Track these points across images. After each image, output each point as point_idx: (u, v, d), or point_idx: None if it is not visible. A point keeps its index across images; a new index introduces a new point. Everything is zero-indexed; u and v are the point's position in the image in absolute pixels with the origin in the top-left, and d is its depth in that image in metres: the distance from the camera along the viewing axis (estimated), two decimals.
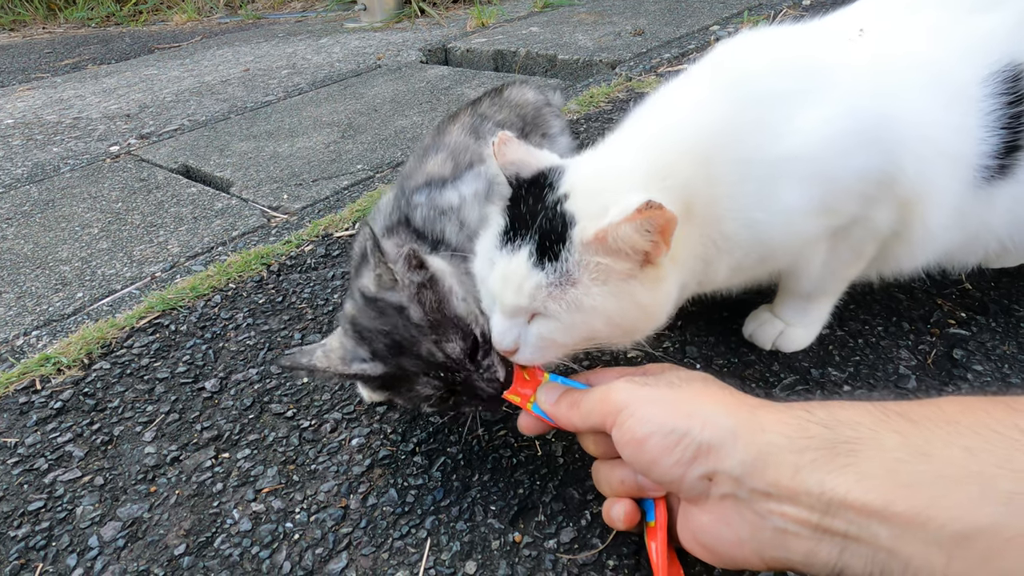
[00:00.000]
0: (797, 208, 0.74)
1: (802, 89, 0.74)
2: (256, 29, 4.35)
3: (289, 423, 0.96)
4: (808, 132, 0.72)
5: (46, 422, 1.03)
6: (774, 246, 0.77)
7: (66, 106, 2.94)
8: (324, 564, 0.75)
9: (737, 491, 0.53)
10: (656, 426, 0.57)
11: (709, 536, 0.57)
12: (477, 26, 3.35)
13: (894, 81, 0.75)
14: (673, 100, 0.81)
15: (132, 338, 1.20)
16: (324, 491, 0.85)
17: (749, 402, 0.59)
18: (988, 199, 0.78)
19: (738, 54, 0.82)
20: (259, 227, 1.63)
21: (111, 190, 1.95)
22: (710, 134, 0.73)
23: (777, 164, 0.72)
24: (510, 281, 0.68)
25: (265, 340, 1.15)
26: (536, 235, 0.67)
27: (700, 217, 0.72)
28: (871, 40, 0.79)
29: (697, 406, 0.58)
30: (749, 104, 0.75)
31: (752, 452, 0.52)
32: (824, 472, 0.48)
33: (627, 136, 0.78)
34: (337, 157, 1.99)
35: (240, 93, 2.81)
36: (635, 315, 0.69)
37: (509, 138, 0.73)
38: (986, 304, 1.00)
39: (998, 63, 0.75)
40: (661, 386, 0.63)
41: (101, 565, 0.79)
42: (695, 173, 0.71)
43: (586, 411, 0.65)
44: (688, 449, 0.55)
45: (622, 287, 0.66)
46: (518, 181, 0.72)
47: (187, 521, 0.83)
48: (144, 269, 1.49)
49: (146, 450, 0.95)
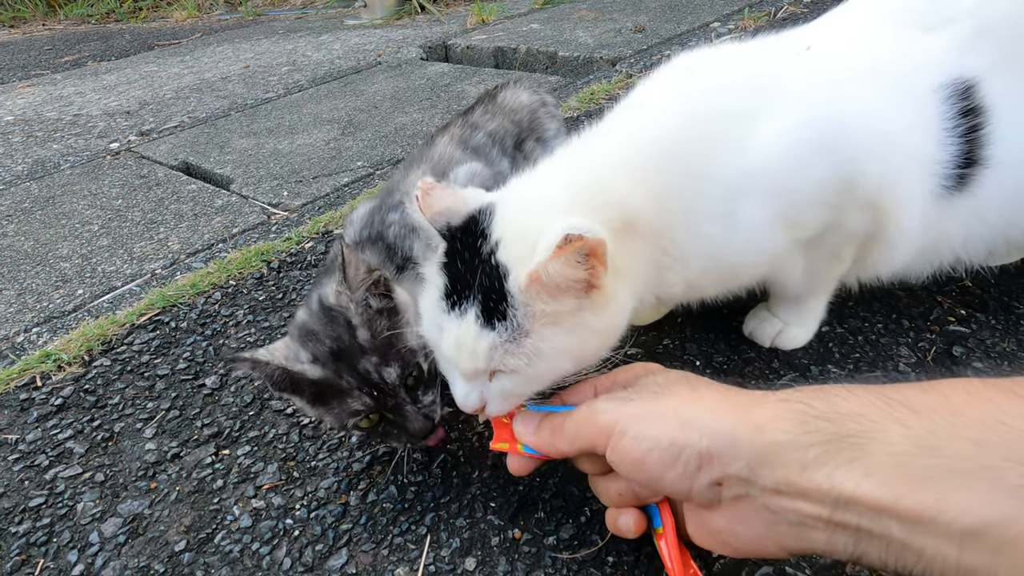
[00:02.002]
0: (759, 224, 0.73)
1: (756, 105, 0.73)
2: (256, 26, 4.34)
3: (289, 420, 0.97)
4: (765, 147, 0.71)
5: (47, 419, 1.03)
6: (735, 263, 0.77)
7: (66, 103, 2.94)
8: (324, 560, 0.76)
9: (749, 491, 0.53)
10: (652, 442, 0.56)
11: (728, 535, 0.56)
12: (477, 23, 3.34)
13: (851, 88, 0.74)
14: (618, 118, 0.79)
15: (132, 335, 1.20)
16: (324, 488, 0.85)
17: (740, 400, 0.58)
18: (947, 209, 0.78)
19: (691, 70, 0.80)
20: (259, 224, 1.63)
21: (111, 187, 1.95)
22: (658, 151, 0.72)
23: (734, 181, 0.71)
24: (463, 347, 0.66)
25: (265, 337, 1.15)
26: (479, 295, 0.65)
27: (649, 231, 0.71)
28: (827, 54, 0.78)
29: (690, 414, 0.57)
30: (702, 120, 0.73)
31: (756, 452, 0.52)
32: (832, 467, 0.48)
33: (558, 159, 0.77)
34: (337, 154, 1.99)
35: (240, 90, 2.81)
36: (595, 342, 0.68)
37: (432, 187, 0.70)
38: (986, 301, 1.00)
39: (947, 78, 0.75)
40: (645, 398, 0.61)
41: (102, 561, 0.79)
42: (636, 189, 0.69)
43: (572, 436, 0.64)
44: (691, 461, 0.54)
45: (575, 321, 0.65)
46: (451, 232, 0.69)
47: (188, 517, 0.84)
48: (144, 266, 1.49)
49: (147, 447, 0.95)
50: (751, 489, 0.52)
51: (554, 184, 0.72)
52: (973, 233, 0.83)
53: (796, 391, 0.55)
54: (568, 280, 0.62)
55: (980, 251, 0.87)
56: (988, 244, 0.86)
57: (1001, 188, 0.78)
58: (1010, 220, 0.83)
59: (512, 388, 0.67)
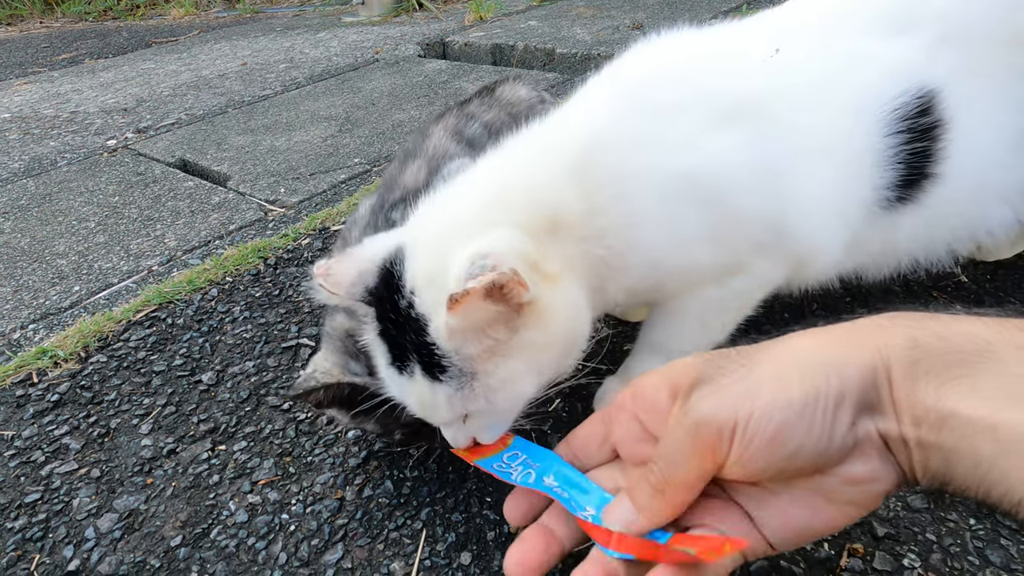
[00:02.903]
0: (692, 234, 0.69)
1: (697, 101, 0.69)
2: (254, 23, 4.34)
3: (285, 415, 0.97)
4: (712, 155, 0.67)
5: (43, 415, 1.03)
6: (668, 269, 0.71)
7: (63, 100, 2.93)
8: (320, 555, 0.76)
9: (873, 419, 0.47)
10: (784, 408, 0.47)
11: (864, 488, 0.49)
12: (475, 20, 3.34)
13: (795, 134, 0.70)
14: (554, 116, 0.75)
15: (129, 331, 1.20)
16: (320, 483, 0.85)
17: (844, 330, 0.50)
18: (892, 224, 0.76)
19: (640, 62, 0.75)
20: (256, 221, 1.63)
21: (108, 184, 1.95)
22: (588, 146, 0.68)
23: (672, 182, 0.67)
24: (424, 404, 0.65)
25: (262, 333, 1.15)
26: (415, 355, 0.62)
27: (576, 229, 0.66)
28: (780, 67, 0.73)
29: (803, 362, 0.49)
30: (642, 115, 0.69)
31: (881, 375, 0.46)
32: (938, 383, 0.44)
33: (480, 167, 0.72)
34: (334, 151, 1.99)
35: (237, 87, 2.80)
36: (550, 355, 0.64)
37: (327, 267, 0.66)
38: (981, 296, 1.00)
39: (906, 89, 0.72)
40: (739, 376, 0.51)
41: (98, 556, 0.79)
42: (564, 188, 0.66)
43: (686, 455, 0.52)
44: (828, 409, 0.47)
45: (517, 345, 0.61)
46: (372, 295, 0.65)
47: (183, 513, 0.84)
48: (141, 263, 1.49)
49: (143, 442, 0.95)
50: (874, 416, 0.47)
51: (467, 199, 0.68)
52: (934, 237, 0.81)
53: (898, 313, 0.49)
54: (485, 319, 0.58)
55: (943, 253, 0.84)
56: (953, 246, 0.83)
57: (957, 193, 0.76)
58: (974, 223, 0.81)
59: (487, 422, 0.67)
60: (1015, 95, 0.75)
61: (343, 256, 0.68)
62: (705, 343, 0.80)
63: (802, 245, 0.72)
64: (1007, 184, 0.78)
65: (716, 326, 0.79)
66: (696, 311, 0.77)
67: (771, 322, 1.00)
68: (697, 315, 0.77)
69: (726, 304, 0.76)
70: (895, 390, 0.46)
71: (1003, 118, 0.75)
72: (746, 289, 0.75)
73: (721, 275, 0.73)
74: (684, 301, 0.76)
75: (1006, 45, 0.74)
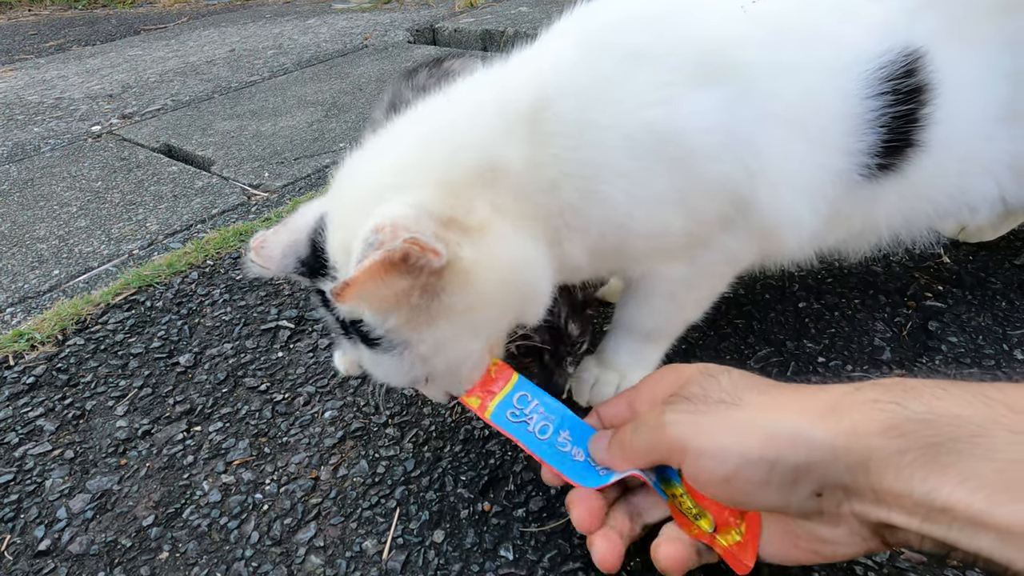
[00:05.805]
0: (659, 194, 0.64)
1: (682, 57, 0.64)
2: (243, 10, 4.29)
3: (263, 396, 0.96)
4: (684, 115, 0.62)
5: (18, 397, 1.02)
6: (634, 231, 0.66)
7: (48, 87, 2.90)
8: (293, 534, 0.75)
9: (849, 499, 0.49)
10: (739, 459, 0.50)
11: (832, 545, 0.53)
12: (465, 6, 3.31)
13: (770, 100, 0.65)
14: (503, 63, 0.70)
15: (107, 314, 1.19)
16: (295, 463, 0.84)
17: (824, 401, 0.51)
18: (873, 196, 0.73)
19: (610, 5, 0.70)
20: (239, 205, 1.61)
21: (91, 169, 1.93)
22: (544, 92, 0.62)
23: (640, 134, 0.62)
24: (379, 371, 0.64)
25: (241, 316, 1.14)
26: (350, 327, 0.61)
27: (518, 180, 0.61)
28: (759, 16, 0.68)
29: (774, 424, 0.51)
30: (611, 60, 0.63)
31: (854, 458, 0.47)
32: (926, 472, 0.44)
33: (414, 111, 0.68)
34: (320, 136, 1.97)
35: (225, 73, 2.77)
36: (490, 310, 0.61)
37: (262, 239, 0.64)
38: (962, 277, 1.00)
39: (890, 51, 0.67)
40: (716, 409, 0.55)
41: (69, 536, 0.78)
42: (506, 135, 0.61)
43: (644, 450, 0.59)
44: (785, 474, 0.49)
45: (442, 309, 0.58)
46: (305, 264, 0.63)
47: (156, 493, 0.83)
48: (122, 247, 1.47)
49: (117, 424, 0.94)
50: (850, 497, 0.49)
51: (385, 158, 0.64)
52: (916, 210, 0.78)
53: (884, 388, 0.50)
54: (398, 291, 0.55)
55: (925, 229, 0.82)
56: (936, 221, 0.82)
57: (942, 164, 0.73)
58: (958, 197, 0.79)
59: (447, 381, 0.66)
60: (1004, 64, 0.72)
61: (280, 226, 0.66)
62: (678, 321, 0.79)
63: (770, 220, 0.68)
64: (992, 156, 0.76)
65: (688, 303, 0.77)
66: (666, 288, 0.74)
67: (752, 303, 1.00)
68: (667, 292, 0.75)
69: (695, 280, 0.74)
70: (875, 479, 0.46)
71: (991, 87, 0.73)
72: (713, 264, 0.73)
73: (690, 246, 0.70)
74: (653, 278, 0.74)
75: (996, 12, 0.72)
